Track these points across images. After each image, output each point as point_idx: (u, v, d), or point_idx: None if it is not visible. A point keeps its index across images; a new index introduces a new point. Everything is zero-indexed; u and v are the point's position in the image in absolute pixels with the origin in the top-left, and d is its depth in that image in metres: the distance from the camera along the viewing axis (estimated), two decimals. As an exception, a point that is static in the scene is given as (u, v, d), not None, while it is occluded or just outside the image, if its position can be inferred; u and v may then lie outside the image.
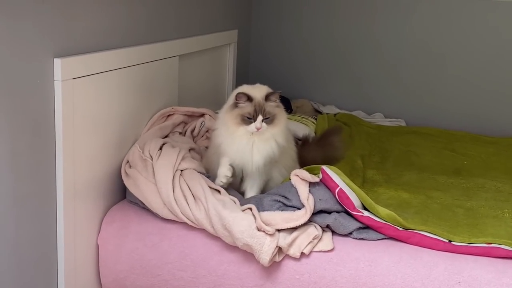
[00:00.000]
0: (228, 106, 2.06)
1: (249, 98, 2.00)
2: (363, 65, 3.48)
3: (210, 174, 2.13)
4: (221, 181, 2.03)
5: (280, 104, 2.07)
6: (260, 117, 1.98)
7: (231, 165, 2.05)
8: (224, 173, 2.03)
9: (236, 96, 2.01)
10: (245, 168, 2.06)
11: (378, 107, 3.49)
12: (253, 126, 1.99)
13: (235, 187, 2.11)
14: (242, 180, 2.11)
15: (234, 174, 2.06)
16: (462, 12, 3.27)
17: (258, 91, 2.03)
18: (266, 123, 2.00)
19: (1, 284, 1.71)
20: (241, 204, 1.95)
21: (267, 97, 2.02)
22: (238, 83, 3.27)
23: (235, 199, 1.97)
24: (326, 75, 3.57)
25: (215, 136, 2.11)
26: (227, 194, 1.99)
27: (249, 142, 2.02)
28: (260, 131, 1.99)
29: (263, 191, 2.12)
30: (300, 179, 1.94)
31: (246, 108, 2.00)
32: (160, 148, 2.13)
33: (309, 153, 2.38)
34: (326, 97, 3.58)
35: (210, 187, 1.99)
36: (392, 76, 3.44)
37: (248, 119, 1.99)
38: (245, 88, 2.07)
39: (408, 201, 2.23)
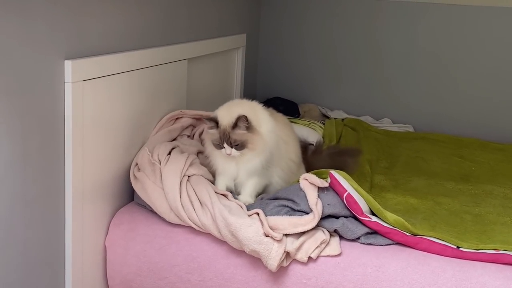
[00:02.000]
0: (206, 129, 2.06)
1: (217, 124, 1.99)
2: (372, 71, 3.48)
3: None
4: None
5: (254, 127, 1.99)
6: (226, 145, 1.97)
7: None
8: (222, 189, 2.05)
9: (206, 121, 2.01)
10: (231, 179, 2.07)
11: (386, 112, 3.49)
12: (223, 151, 1.99)
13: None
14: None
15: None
16: (472, 18, 3.26)
17: (228, 116, 1.98)
18: (237, 149, 1.97)
19: (9, 285, 1.71)
20: (248, 209, 1.95)
21: (235, 124, 1.97)
22: (246, 87, 3.31)
23: (242, 203, 1.97)
24: (334, 80, 3.57)
25: (204, 150, 2.12)
26: (234, 199, 2.00)
27: (231, 161, 2.03)
28: (232, 156, 1.99)
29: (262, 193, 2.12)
30: (309, 183, 1.94)
31: (214, 134, 2.00)
32: (169, 153, 2.13)
33: (319, 162, 2.38)
34: (334, 102, 3.58)
35: (216, 193, 1.99)
36: (400, 81, 3.44)
37: (218, 145, 2.00)
38: (220, 110, 2.04)
39: (416, 207, 2.23)
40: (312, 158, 2.43)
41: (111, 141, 2.04)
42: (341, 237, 1.92)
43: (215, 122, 1.99)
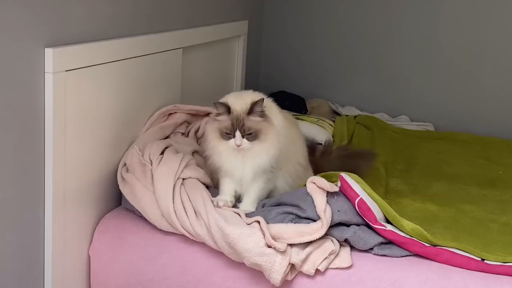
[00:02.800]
0: (212, 116, 2.06)
1: (228, 110, 1.98)
2: (388, 62, 3.47)
3: (214, 181, 2.15)
4: (218, 204, 2.00)
5: (269, 116, 2.02)
6: (238, 133, 1.96)
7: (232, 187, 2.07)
8: (226, 201, 2.03)
9: (216, 106, 1.99)
10: (238, 179, 2.07)
11: (403, 109, 3.49)
12: (232, 142, 1.98)
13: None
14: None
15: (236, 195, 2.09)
16: (503, 6, 3.25)
17: (242, 101, 1.99)
18: (249, 139, 1.97)
19: (-18, 298, 1.72)
20: (247, 216, 1.95)
21: (251, 109, 1.97)
22: (247, 80, 3.31)
23: (240, 211, 1.97)
24: (346, 72, 3.56)
25: (204, 147, 2.11)
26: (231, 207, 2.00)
27: (237, 156, 2.02)
28: (241, 148, 1.98)
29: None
30: (317, 187, 1.94)
31: (224, 121, 1.98)
32: (162, 153, 2.13)
33: (328, 164, 2.38)
34: (345, 97, 3.58)
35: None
36: (420, 74, 3.43)
37: (227, 135, 1.98)
38: (229, 97, 2.05)
39: (437, 214, 2.23)
40: (320, 160, 2.43)
41: (96, 139, 2.04)
42: (352, 248, 1.91)
43: (226, 107, 1.98)
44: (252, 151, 2.00)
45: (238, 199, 2.10)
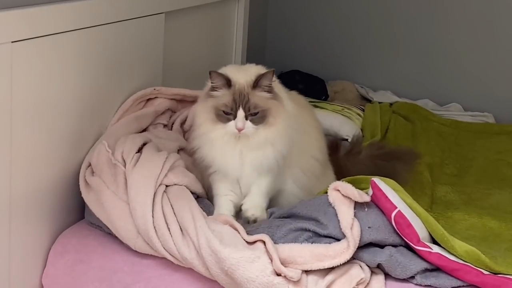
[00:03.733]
0: (204, 93, 2.05)
1: (228, 82, 1.98)
2: (433, 35, 3.48)
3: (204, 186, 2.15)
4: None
5: (278, 94, 2.04)
6: (241, 113, 1.96)
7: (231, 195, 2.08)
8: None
9: (211, 76, 1.98)
10: (235, 181, 2.08)
11: (454, 95, 3.50)
12: (232, 125, 1.97)
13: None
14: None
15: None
16: None
17: (245, 72, 2.01)
18: (254, 121, 1.98)
19: None
20: (249, 233, 1.95)
21: (257, 82, 1.98)
22: (250, 56, 3.30)
23: (239, 226, 1.96)
24: (378, 49, 3.57)
25: (191, 136, 2.12)
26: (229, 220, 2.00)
27: (235, 148, 2.03)
28: (244, 133, 1.98)
29: (270, 206, 2.13)
30: (342, 196, 1.93)
31: (223, 97, 1.98)
32: (139, 150, 2.13)
33: (355, 167, 2.38)
34: (378, 79, 3.58)
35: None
36: (475, 52, 3.44)
37: (226, 115, 1.98)
38: (227, 68, 2.06)
39: (498, 233, 2.23)
40: (345, 161, 2.43)
41: (52, 132, 2.04)
42: (387, 275, 1.91)
43: (225, 79, 1.98)
44: (254, 142, 2.01)
45: (238, 213, 2.11)
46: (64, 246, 2.08)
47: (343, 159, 2.42)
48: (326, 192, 1.98)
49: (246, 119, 1.97)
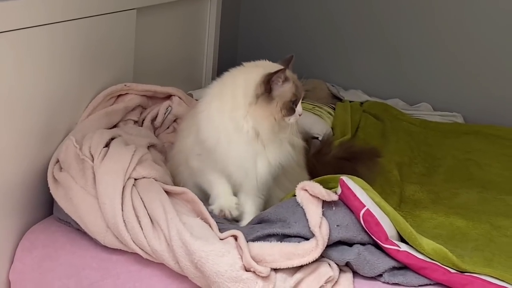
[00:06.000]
0: (249, 100, 2.02)
1: (286, 77, 2.04)
2: (404, 35, 3.49)
3: (176, 183, 2.14)
4: (231, 215, 2.06)
5: None
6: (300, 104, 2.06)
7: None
8: (231, 206, 2.07)
9: (270, 78, 1.99)
10: (244, 184, 2.08)
11: (424, 95, 3.52)
12: (297, 112, 2.05)
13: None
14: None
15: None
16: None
17: (276, 66, 2.07)
18: None
19: None
20: (221, 230, 1.95)
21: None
22: (222, 54, 3.29)
23: (212, 221, 1.96)
24: (350, 47, 3.57)
25: (204, 136, 2.08)
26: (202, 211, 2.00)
27: (255, 149, 2.04)
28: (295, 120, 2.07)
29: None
30: (309, 195, 1.93)
31: (289, 90, 2.04)
32: (107, 145, 2.13)
33: (323, 167, 2.39)
34: (349, 78, 3.59)
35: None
36: (445, 52, 3.46)
37: (291, 108, 2.04)
38: (253, 69, 2.08)
39: (465, 232, 2.23)
40: (315, 161, 2.43)
41: (20, 127, 2.03)
42: (355, 273, 1.91)
43: (284, 75, 2.03)
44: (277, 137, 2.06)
45: None
46: (32, 242, 2.07)
47: (313, 159, 2.42)
48: (295, 195, 1.97)
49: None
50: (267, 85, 2.00)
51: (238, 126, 2.01)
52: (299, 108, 2.05)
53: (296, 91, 2.04)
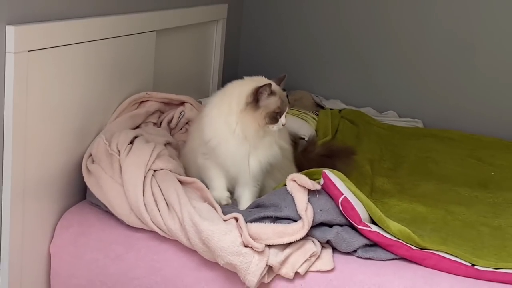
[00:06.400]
0: (240, 107, 2.02)
1: (272, 91, 2.03)
2: (374, 54, 3.48)
3: (187, 175, 2.14)
4: (221, 204, 2.05)
5: None
6: (284, 114, 2.04)
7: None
8: (222, 197, 2.07)
9: (257, 91, 2.00)
10: (239, 178, 2.09)
11: (391, 104, 3.50)
12: (280, 122, 2.03)
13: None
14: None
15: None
16: (496, 2, 3.26)
17: (266, 82, 2.06)
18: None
19: None
20: (224, 213, 1.95)
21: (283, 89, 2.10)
22: (226, 68, 3.29)
23: (217, 205, 1.97)
24: (330, 64, 3.56)
25: (207, 137, 2.09)
26: (209, 197, 2.00)
27: (246, 148, 2.05)
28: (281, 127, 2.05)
29: None
30: (298, 185, 1.94)
31: (274, 102, 2.02)
32: (131, 142, 2.12)
33: (308, 162, 2.39)
34: (330, 90, 3.58)
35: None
36: (408, 68, 3.44)
37: (274, 118, 2.03)
38: (249, 80, 2.10)
39: (425, 216, 2.23)
40: (302, 157, 2.43)
41: (60, 127, 2.02)
42: (334, 250, 1.92)
43: (270, 89, 2.02)
44: (264, 141, 2.05)
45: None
46: (69, 221, 2.07)
47: (300, 156, 2.42)
48: (285, 185, 1.99)
49: None
50: (255, 96, 2.01)
51: (231, 129, 2.03)
52: (282, 119, 2.03)
53: (281, 105, 2.03)
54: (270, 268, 1.84)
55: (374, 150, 2.86)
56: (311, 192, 1.94)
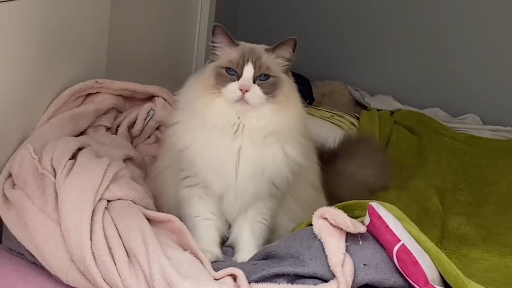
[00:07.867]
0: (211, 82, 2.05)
1: (232, 41, 2.04)
2: (446, 32, 3.51)
3: (159, 207, 2.15)
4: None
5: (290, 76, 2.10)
6: (249, 69, 2.00)
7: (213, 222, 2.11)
8: (209, 253, 2.06)
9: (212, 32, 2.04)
10: (225, 197, 2.09)
11: (471, 105, 3.54)
12: (234, 86, 1.99)
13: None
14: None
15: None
16: None
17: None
18: (263, 87, 2.01)
19: None
20: (216, 267, 1.94)
21: (274, 48, 2.05)
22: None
23: (203, 256, 1.96)
24: (378, 45, 3.59)
25: (173, 136, 2.11)
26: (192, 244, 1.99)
27: (234, 145, 2.04)
28: (249, 99, 1.99)
29: None
30: (330, 225, 1.93)
31: (228, 54, 2.04)
32: (73, 157, 2.13)
33: (347, 190, 2.44)
34: (376, 81, 3.61)
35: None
36: (497, 56, 3.48)
37: (229, 75, 2.01)
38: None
39: (524, 277, 2.24)
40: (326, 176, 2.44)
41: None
42: (386, 326, 1.91)
43: (230, 38, 2.05)
44: (260, 131, 2.03)
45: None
46: (-25, 278, 2.07)
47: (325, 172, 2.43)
48: (310, 224, 1.98)
49: (254, 82, 2.00)
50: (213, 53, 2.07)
51: (200, 118, 2.06)
52: (242, 80, 2.00)
53: (236, 60, 2.02)
54: None
55: (446, 174, 2.88)
56: (350, 237, 1.94)
